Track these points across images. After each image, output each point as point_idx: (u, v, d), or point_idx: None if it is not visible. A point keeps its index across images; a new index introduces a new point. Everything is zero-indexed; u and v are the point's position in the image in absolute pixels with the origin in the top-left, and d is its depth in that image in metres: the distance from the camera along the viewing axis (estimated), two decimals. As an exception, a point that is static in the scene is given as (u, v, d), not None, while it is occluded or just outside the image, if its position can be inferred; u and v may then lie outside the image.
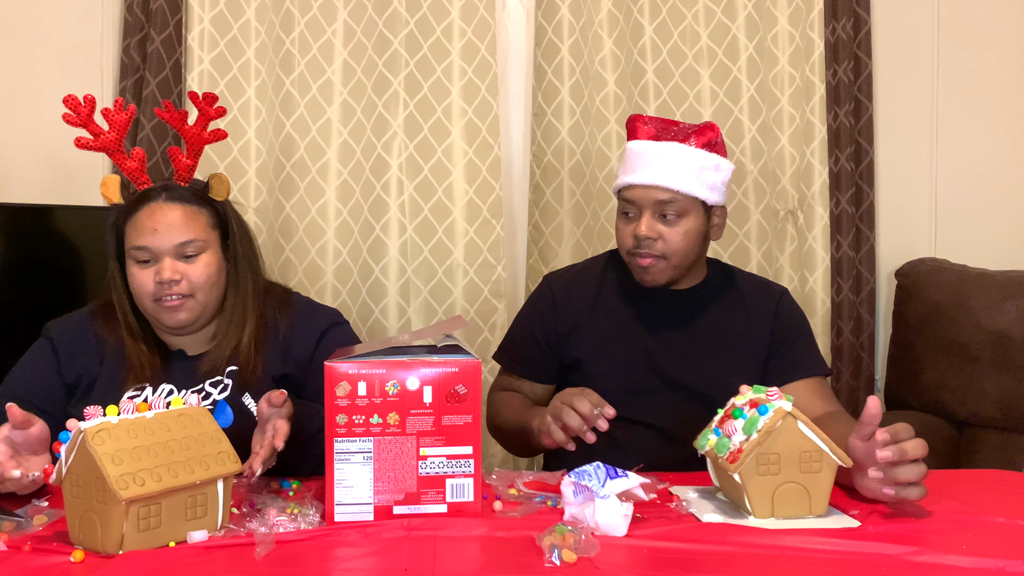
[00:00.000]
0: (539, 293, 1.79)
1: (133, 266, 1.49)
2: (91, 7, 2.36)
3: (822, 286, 2.58)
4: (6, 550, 1.10)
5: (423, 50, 2.40)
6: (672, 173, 1.60)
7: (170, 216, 1.49)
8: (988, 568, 1.04)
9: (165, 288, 1.47)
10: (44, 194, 2.26)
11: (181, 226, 1.49)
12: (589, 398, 1.38)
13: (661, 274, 1.65)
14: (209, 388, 1.52)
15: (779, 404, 1.23)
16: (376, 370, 1.21)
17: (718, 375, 1.65)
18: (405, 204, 2.40)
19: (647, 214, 1.62)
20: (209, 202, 1.55)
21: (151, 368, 1.51)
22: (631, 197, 1.63)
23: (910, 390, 2.54)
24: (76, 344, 1.54)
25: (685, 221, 1.63)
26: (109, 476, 1.06)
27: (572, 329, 1.71)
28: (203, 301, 1.51)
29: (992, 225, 2.73)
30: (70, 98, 1.49)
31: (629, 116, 1.74)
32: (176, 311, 1.48)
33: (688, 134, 1.65)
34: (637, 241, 1.62)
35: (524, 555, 1.08)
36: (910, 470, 1.20)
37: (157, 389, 1.50)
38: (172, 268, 1.47)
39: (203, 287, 1.50)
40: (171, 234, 1.48)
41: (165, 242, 1.47)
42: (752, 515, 1.23)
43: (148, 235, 1.47)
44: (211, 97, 1.58)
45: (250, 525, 1.16)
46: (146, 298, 1.49)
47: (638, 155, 1.64)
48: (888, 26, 2.67)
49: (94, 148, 1.52)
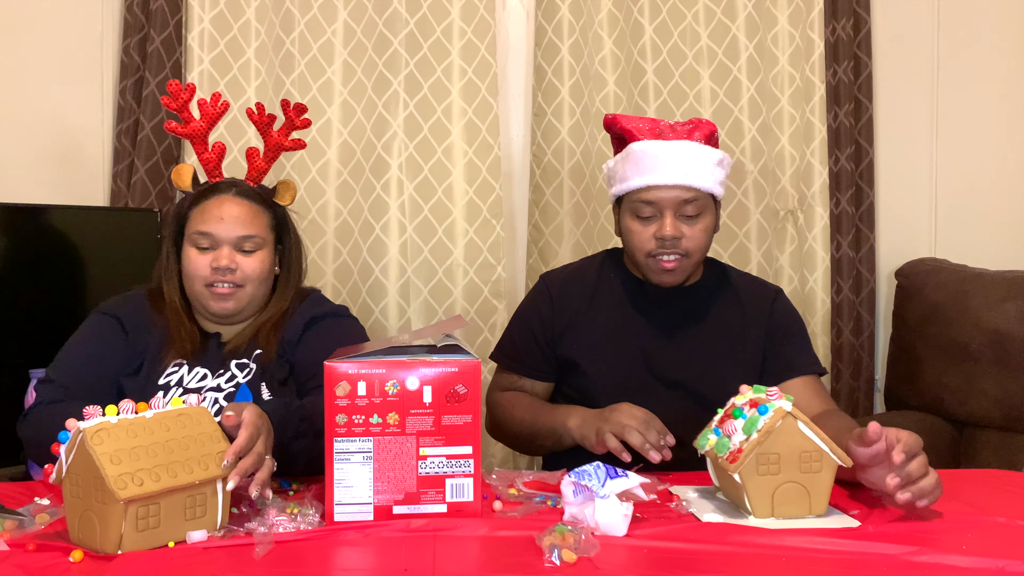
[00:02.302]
0: (537, 292, 1.78)
1: (191, 250, 1.57)
2: (91, 7, 2.36)
3: (822, 286, 2.58)
4: (8, 550, 1.10)
5: (423, 50, 2.40)
6: (692, 171, 1.59)
7: (237, 209, 1.57)
8: (988, 568, 1.04)
9: (219, 275, 1.55)
10: (44, 194, 2.26)
11: (245, 220, 1.57)
12: (655, 426, 1.43)
13: (682, 273, 1.64)
14: (235, 369, 1.57)
15: (779, 404, 1.23)
16: (376, 370, 1.21)
17: (715, 373, 1.65)
18: (405, 204, 2.40)
19: (669, 214, 1.60)
20: (272, 205, 1.64)
21: (192, 344, 1.57)
22: (651, 198, 1.60)
23: (910, 390, 2.54)
24: (139, 320, 1.60)
25: (704, 218, 1.62)
26: (108, 476, 1.06)
27: (569, 328, 1.71)
28: (251, 294, 1.58)
29: (992, 225, 2.73)
30: (173, 83, 1.60)
31: (607, 118, 1.72)
32: (225, 299, 1.56)
33: (689, 131, 1.65)
34: (661, 242, 1.60)
35: (524, 555, 1.08)
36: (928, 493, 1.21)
37: (192, 370, 1.55)
38: (230, 257, 1.55)
39: (254, 280, 1.58)
40: (235, 226, 1.56)
41: (228, 232, 1.56)
42: (752, 515, 1.23)
43: (214, 223, 1.56)
44: (301, 108, 1.68)
45: (249, 525, 1.16)
46: (198, 281, 1.56)
47: (652, 156, 1.60)
48: (888, 26, 2.67)
49: (181, 133, 1.62)
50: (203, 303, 1.58)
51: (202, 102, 1.62)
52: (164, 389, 1.52)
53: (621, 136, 1.70)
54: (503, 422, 1.73)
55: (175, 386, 1.53)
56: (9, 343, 1.95)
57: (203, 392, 1.52)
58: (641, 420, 1.44)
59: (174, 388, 1.52)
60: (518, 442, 1.74)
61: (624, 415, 1.45)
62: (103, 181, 2.36)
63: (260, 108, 1.66)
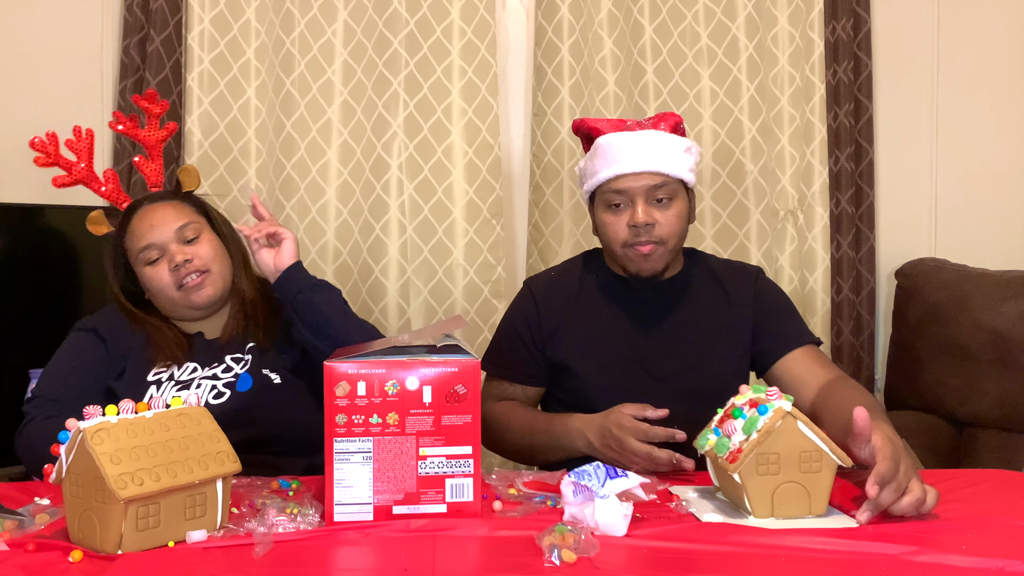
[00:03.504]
0: (521, 297, 1.77)
1: (146, 268, 1.58)
2: (91, 7, 2.36)
3: (822, 286, 2.58)
4: (7, 550, 1.10)
5: (423, 50, 2.40)
6: (659, 157, 1.60)
7: (160, 211, 1.61)
8: (988, 568, 1.04)
9: (182, 271, 1.57)
10: (44, 194, 2.25)
11: (174, 215, 1.60)
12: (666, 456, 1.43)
13: (660, 260, 1.64)
14: (231, 363, 1.58)
15: (779, 404, 1.23)
16: (375, 370, 1.21)
17: (705, 365, 1.64)
18: (405, 204, 2.40)
19: (640, 201, 1.60)
20: (186, 196, 1.68)
21: (178, 347, 1.59)
22: (621, 187, 1.61)
23: (910, 390, 2.53)
24: (116, 328, 1.62)
25: (676, 204, 1.62)
26: (108, 476, 1.06)
27: (557, 331, 1.70)
28: (219, 272, 1.61)
29: (992, 225, 2.73)
30: (35, 140, 1.61)
31: (575, 123, 1.73)
32: (201, 288, 1.58)
33: (654, 122, 1.66)
34: (635, 230, 1.60)
35: (524, 555, 1.08)
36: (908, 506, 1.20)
37: (181, 367, 1.56)
38: (181, 251, 1.57)
39: (215, 259, 1.60)
40: (167, 224, 1.59)
41: (165, 232, 1.58)
42: (752, 515, 1.22)
43: (148, 233, 1.58)
44: (151, 95, 1.69)
45: (249, 525, 1.16)
46: (168, 290, 1.58)
47: (617, 147, 1.61)
48: (888, 26, 2.67)
49: (70, 184, 1.64)
50: (182, 304, 1.59)
51: (69, 143, 1.65)
52: (156, 384, 1.53)
53: (589, 135, 1.70)
54: (498, 435, 1.68)
55: (167, 380, 1.53)
56: (9, 343, 1.95)
57: (197, 380, 1.53)
58: (651, 452, 1.44)
59: (166, 383, 1.53)
60: (518, 458, 1.72)
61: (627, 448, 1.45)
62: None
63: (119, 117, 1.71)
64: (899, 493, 1.19)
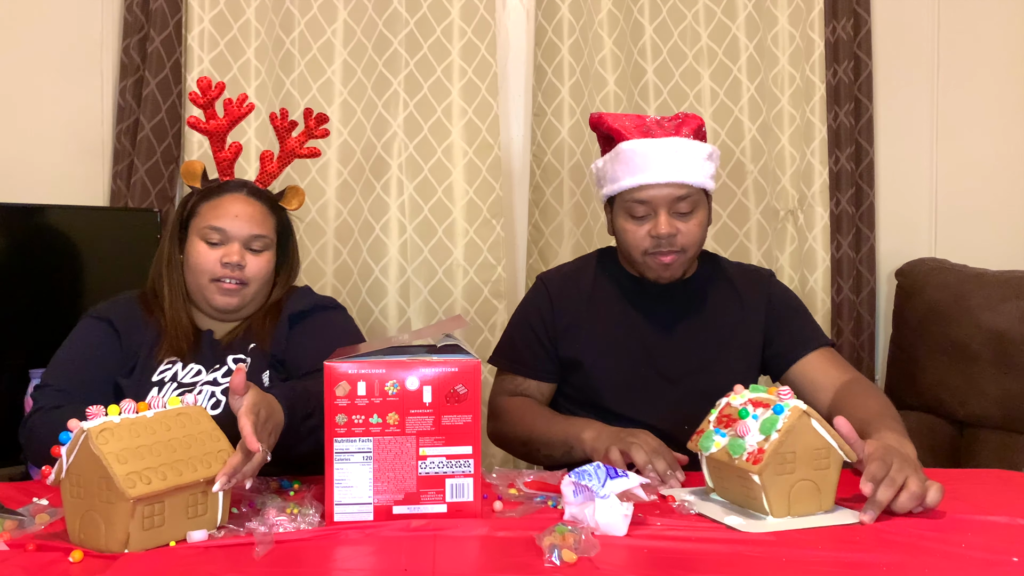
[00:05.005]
0: (535, 292, 1.77)
1: (201, 244, 1.58)
2: (91, 7, 2.36)
3: (822, 286, 2.58)
4: (7, 550, 1.10)
5: (423, 50, 2.40)
6: (684, 168, 1.59)
7: (250, 209, 1.60)
8: (988, 568, 1.04)
9: (228, 270, 1.56)
10: (44, 194, 2.26)
11: (257, 220, 1.60)
12: (666, 457, 1.42)
13: (679, 268, 1.65)
14: (232, 364, 1.57)
15: (794, 403, 1.23)
16: (376, 370, 1.21)
17: (717, 368, 1.65)
18: (405, 204, 2.40)
19: (663, 212, 1.60)
20: (279, 209, 1.67)
21: (186, 342, 1.58)
22: (644, 197, 1.60)
23: (910, 390, 2.53)
24: (130, 321, 1.60)
25: (698, 213, 1.63)
26: (116, 475, 1.06)
27: (570, 327, 1.70)
28: (254, 292, 1.60)
29: (992, 225, 2.73)
30: (204, 79, 1.61)
31: (592, 117, 1.72)
32: (231, 295, 1.58)
33: (677, 126, 1.65)
34: (657, 240, 1.60)
35: (524, 555, 1.08)
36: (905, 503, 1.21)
37: (187, 366, 1.56)
38: (240, 254, 1.57)
39: (258, 280, 1.60)
40: (248, 224, 1.58)
41: (240, 230, 1.58)
42: (770, 515, 1.22)
43: (228, 219, 1.58)
44: (322, 118, 1.68)
45: (250, 525, 1.16)
46: (204, 275, 1.57)
47: (641, 154, 1.60)
48: (888, 26, 2.67)
49: (201, 130, 1.63)
50: (207, 297, 1.59)
51: (228, 102, 1.63)
52: (158, 385, 1.52)
53: (608, 136, 1.69)
54: (509, 429, 1.69)
55: (169, 381, 1.53)
56: (9, 343, 1.95)
57: (199, 386, 1.52)
58: (652, 448, 1.42)
59: (168, 384, 1.53)
60: (525, 450, 1.68)
61: (639, 438, 1.44)
62: (103, 181, 2.36)
63: (284, 113, 1.68)
64: (894, 488, 1.20)
